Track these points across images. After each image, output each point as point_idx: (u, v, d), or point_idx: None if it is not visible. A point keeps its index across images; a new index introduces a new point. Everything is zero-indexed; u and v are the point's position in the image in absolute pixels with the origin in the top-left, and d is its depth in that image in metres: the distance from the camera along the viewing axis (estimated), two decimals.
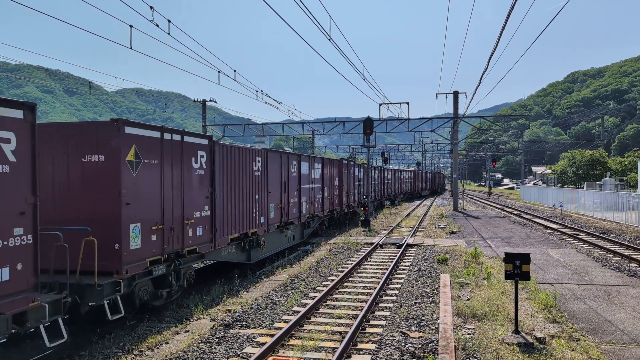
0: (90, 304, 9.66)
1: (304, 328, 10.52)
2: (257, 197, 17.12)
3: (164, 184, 11.66)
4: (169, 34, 17.36)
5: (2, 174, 7.35)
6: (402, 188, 65.09)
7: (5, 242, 7.38)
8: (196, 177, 13.07)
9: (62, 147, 10.44)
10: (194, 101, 51.70)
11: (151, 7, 15.47)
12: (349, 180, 32.03)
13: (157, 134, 11.44)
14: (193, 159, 12.90)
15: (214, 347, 9.32)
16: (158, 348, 9.37)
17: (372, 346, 9.34)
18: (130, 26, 17.08)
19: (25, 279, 7.73)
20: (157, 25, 16.47)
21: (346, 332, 10.03)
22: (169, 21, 17.39)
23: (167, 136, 11.80)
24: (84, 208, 10.28)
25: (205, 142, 13.56)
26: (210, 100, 51.10)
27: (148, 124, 11.45)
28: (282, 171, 19.86)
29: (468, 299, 12.54)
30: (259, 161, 17.35)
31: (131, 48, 17.77)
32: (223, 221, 14.56)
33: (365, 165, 36.53)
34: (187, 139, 12.61)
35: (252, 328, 10.56)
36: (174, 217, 11.99)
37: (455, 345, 8.00)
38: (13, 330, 7.85)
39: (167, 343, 9.63)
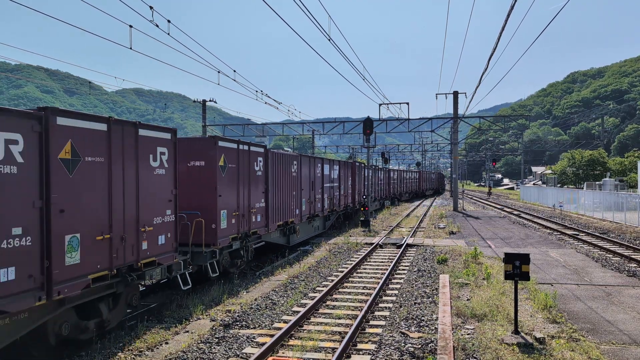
0: (198, 264, 13.52)
1: (303, 328, 10.52)
2: (294, 193, 21.28)
3: (239, 182, 15.66)
4: (168, 34, 17.37)
5: (161, 175, 11.44)
6: (408, 188, 69.62)
7: (163, 219, 11.40)
8: (259, 177, 17.31)
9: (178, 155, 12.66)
10: (194, 101, 51.71)
11: (151, 8, 15.47)
12: (360, 180, 35.94)
13: (234, 146, 15.48)
14: (255, 163, 16.92)
15: (214, 348, 9.32)
16: (158, 348, 9.38)
17: (372, 346, 9.34)
18: (130, 26, 17.08)
19: (171, 243, 11.73)
20: (157, 26, 16.48)
21: (346, 333, 10.03)
22: (168, 21, 17.40)
23: (242, 147, 15.91)
24: (194, 199, 13.90)
25: (262, 150, 17.76)
26: (210, 101, 51.10)
27: (232, 139, 15.95)
28: (310, 172, 23.88)
29: (468, 299, 12.54)
30: (295, 164, 21.54)
31: (131, 48, 17.77)
32: (273, 211, 18.68)
33: (373, 166, 41.19)
34: (252, 148, 16.78)
35: (251, 328, 10.56)
36: (245, 206, 16.07)
37: (454, 346, 8.00)
38: (164, 278, 12.17)
39: (166, 343, 9.63)
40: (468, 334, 9.85)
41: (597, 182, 61.96)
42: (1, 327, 7.63)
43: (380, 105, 42.27)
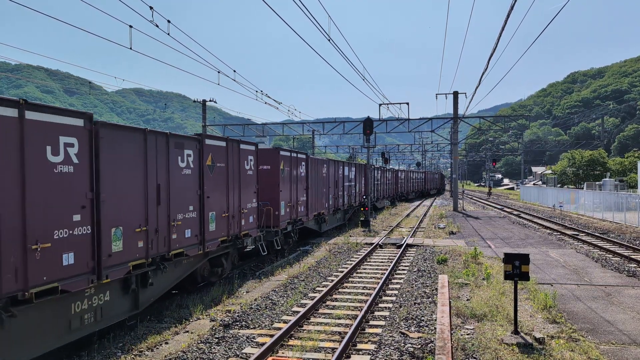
0: (268, 240, 18.59)
1: (303, 328, 10.53)
2: (324, 190, 26.37)
3: (291, 181, 20.95)
4: (168, 34, 17.38)
5: (250, 176, 16.22)
6: (415, 187, 75.04)
7: (251, 206, 16.30)
8: (301, 177, 22.55)
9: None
10: (194, 101, 51.70)
11: (151, 8, 15.48)
12: (372, 180, 40.70)
13: (289, 154, 20.81)
14: (299, 167, 22.17)
15: (214, 348, 9.33)
16: (157, 348, 9.38)
17: (372, 346, 9.35)
18: (130, 26, 17.09)
19: (255, 223, 16.76)
20: (157, 26, 16.49)
21: (345, 333, 10.04)
22: (168, 21, 17.41)
23: (293, 154, 21.25)
24: (264, 193, 18.64)
25: (304, 157, 22.98)
26: (210, 101, 51.10)
27: (288, 149, 21.77)
28: (335, 173, 28.75)
29: (467, 300, 12.55)
30: (325, 167, 26.58)
31: (131, 48, 17.79)
32: (311, 204, 23.82)
33: (383, 167, 46.91)
34: (299, 155, 22.09)
35: (251, 328, 10.57)
36: (295, 199, 21.28)
37: (452, 346, 8.01)
38: (252, 246, 17.35)
39: (166, 343, 9.64)
40: (468, 334, 9.86)
41: (597, 182, 61.95)
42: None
43: (380, 105, 42.28)
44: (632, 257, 18.66)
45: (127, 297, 10.41)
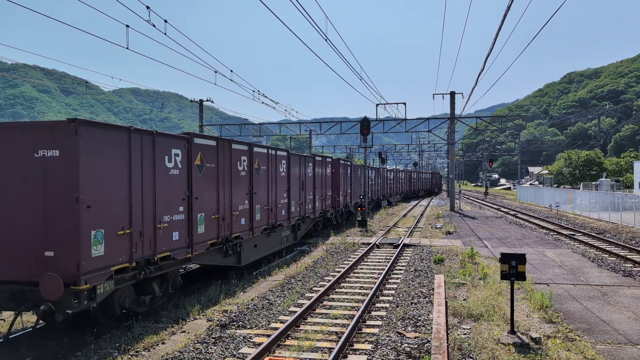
0: (335, 216, 29.05)
1: (300, 328, 10.53)
2: (350, 188, 33.05)
3: (345, 180, 29.88)
4: (165, 34, 17.35)
5: (310, 174, 23.88)
6: (421, 186, 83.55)
7: (313, 197, 23.96)
8: (348, 177, 31.79)
9: (303, 166, 22.70)
10: (191, 101, 51.61)
11: (147, 7, 15.46)
12: (385, 179, 50.52)
13: (346, 162, 30.76)
14: (348, 170, 31.78)
15: (210, 348, 9.32)
16: (154, 348, 9.37)
17: (369, 346, 9.35)
18: (127, 26, 17.06)
19: (315, 207, 24.67)
20: (154, 26, 16.45)
21: (342, 332, 10.04)
22: (165, 21, 17.38)
23: (341, 161, 29.97)
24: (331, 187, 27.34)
25: (347, 163, 32.47)
26: (207, 100, 51.00)
27: (322, 154, 34.25)
28: (358, 174, 36.03)
29: (464, 299, 12.56)
30: (349, 169, 33.06)
31: (127, 48, 17.75)
32: (350, 196, 32.93)
33: (394, 168, 57.93)
34: (327, 160, 27.88)
35: (248, 328, 10.56)
36: (347, 192, 30.41)
37: (448, 346, 8.02)
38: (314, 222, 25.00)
39: (163, 343, 9.63)
40: (464, 334, 9.87)
41: (593, 182, 62.15)
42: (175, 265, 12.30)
43: (377, 105, 42.35)
44: (628, 257, 18.71)
45: (224, 254, 14.96)
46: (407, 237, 25.17)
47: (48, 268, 8.88)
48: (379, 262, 18.52)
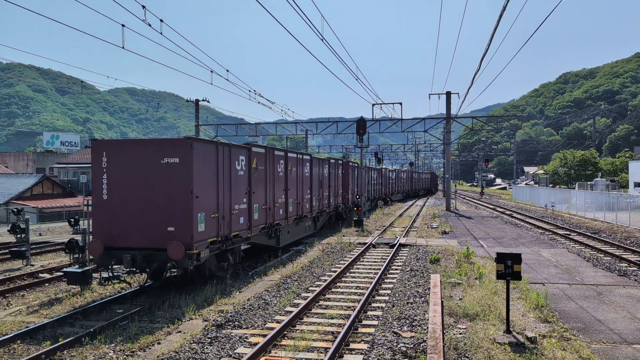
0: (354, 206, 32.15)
1: (296, 328, 10.52)
2: (356, 189, 35.28)
3: (335, 180, 30.04)
4: (161, 33, 17.32)
5: (338, 175, 30.66)
6: (422, 186, 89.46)
7: (328, 194, 28.01)
8: (369, 178, 40.34)
9: (321, 167, 26.52)
10: (187, 101, 51.48)
11: (143, 7, 15.42)
12: (384, 179, 54.61)
13: (333, 162, 29.78)
14: (372, 173, 42.34)
15: (206, 348, 9.31)
16: (150, 348, 9.35)
17: (365, 346, 9.35)
18: (123, 25, 17.02)
19: (338, 200, 30.70)
20: (150, 25, 16.42)
21: (338, 332, 10.04)
22: (161, 21, 17.35)
23: (332, 161, 29.67)
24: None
25: (355, 165, 35.56)
26: (203, 100, 50.90)
27: (354, 161, 41.39)
28: (374, 175, 45.78)
29: (460, 299, 12.59)
30: (363, 171, 34.95)
31: (123, 47, 17.71)
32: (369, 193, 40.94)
33: (398, 169, 64.93)
34: (339, 162, 31.04)
35: (244, 328, 10.55)
36: (337, 192, 30.55)
37: (444, 346, 8.04)
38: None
39: (159, 343, 9.61)
40: (460, 334, 9.89)
41: (588, 182, 62.34)
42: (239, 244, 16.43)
43: (373, 105, 42.37)
44: (623, 256, 18.78)
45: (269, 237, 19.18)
46: (403, 236, 25.19)
47: (171, 239, 12.74)
48: (375, 261, 18.54)
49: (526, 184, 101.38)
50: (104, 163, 13.51)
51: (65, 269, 14.52)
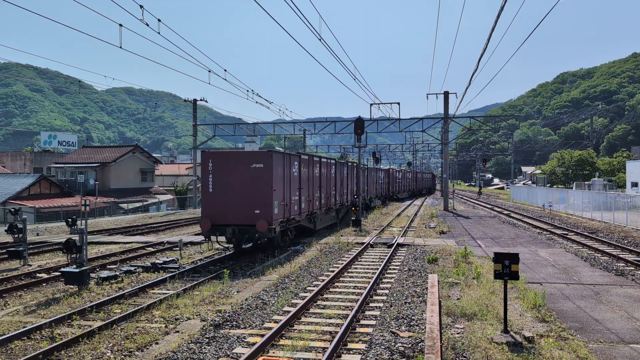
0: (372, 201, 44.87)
1: (294, 328, 10.52)
2: (366, 187, 41.54)
3: (350, 179, 35.21)
4: (159, 33, 17.30)
5: (349, 175, 35.42)
6: (424, 185, 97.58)
7: (347, 191, 33.99)
8: (377, 177, 49.51)
9: (342, 169, 32.17)
10: (185, 100, 51.48)
11: (141, 6, 15.41)
12: (390, 179, 61.04)
13: (350, 164, 36.24)
14: (353, 171, 36.39)
15: (204, 348, 9.30)
16: (147, 348, 9.34)
17: (362, 346, 9.36)
18: (120, 25, 17.00)
19: (348, 200, 35.10)
20: (147, 25, 16.40)
21: (336, 332, 10.04)
22: (159, 20, 17.33)
23: (350, 163, 36.20)
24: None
25: (366, 167, 43.25)
26: (200, 100, 50.85)
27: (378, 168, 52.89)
28: (381, 175, 51.07)
29: (458, 299, 12.60)
30: (373, 172, 46.23)
31: (121, 47, 17.69)
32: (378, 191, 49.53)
33: (403, 169, 73.83)
34: (354, 165, 35.92)
35: (242, 328, 10.55)
36: (352, 190, 35.67)
37: (442, 345, 8.04)
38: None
39: (156, 343, 9.60)
40: (458, 333, 9.90)
41: (586, 182, 62.45)
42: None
43: (371, 105, 42.40)
44: (621, 256, 18.82)
45: (310, 222, 25.14)
46: (401, 236, 25.21)
47: (258, 218, 18.52)
48: (373, 261, 18.55)
49: (524, 183, 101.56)
50: (210, 167, 18.96)
51: (62, 269, 14.52)
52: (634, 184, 55.53)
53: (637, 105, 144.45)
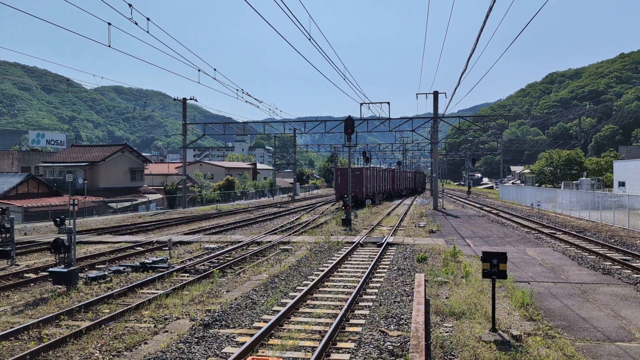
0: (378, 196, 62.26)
1: (283, 327, 10.53)
2: (382, 184, 60.79)
3: (379, 179, 60.08)
4: (148, 32, 17.23)
5: (374, 175, 60.73)
6: (419, 184, 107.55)
7: (383, 185, 65.48)
8: (385, 177, 64.21)
9: (380, 171, 61.90)
10: (174, 99, 51.24)
11: (130, 5, 15.34)
12: (392, 177, 70.05)
13: (378, 167, 65.43)
14: (386, 172, 65.64)
15: (193, 347, 9.29)
16: (136, 348, 9.31)
17: (352, 345, 9.39)
18: (109, 24, 16.91)
19: (383, 191, 67.37)
20: (136, 23, 16.34)
21: (326, 331, 10.07)
22: (147, 19, 17.26)
23: (379, 167, 69.25)
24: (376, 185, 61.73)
25: (386, 168, 66.92)
26: (190, 99, 50.65)
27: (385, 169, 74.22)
28: (387, 175, 63.91)
29: (446, 298, 12.67)
30: (381, 172, 61.86)
31: (110, 46, 17.60)
32: (383, 189, 64.25)
33: (404, 168, 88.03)
34: (383, 168, 64.54)
35: (231, 328, 10.54)
36: (385, 187, 64.47)
37: (427, 344, 8.09)
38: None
39: (145, 343, 9.57)
40: (446, 332, 9.96)
41: (574, 182, 62.97)
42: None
43: (361, 104, 42.55)
44: (608, 255, 19.00)
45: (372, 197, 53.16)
46: (391, 235, 25.29)
47: (356, 193, 47.72)
48: (362, 260, 18.59)
49: (513, 183, 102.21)
50: (336, 172, 48.18)
51: (50, 269, 14.42)
52: (621, 184, 56.06)
53: (625, 105, 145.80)
